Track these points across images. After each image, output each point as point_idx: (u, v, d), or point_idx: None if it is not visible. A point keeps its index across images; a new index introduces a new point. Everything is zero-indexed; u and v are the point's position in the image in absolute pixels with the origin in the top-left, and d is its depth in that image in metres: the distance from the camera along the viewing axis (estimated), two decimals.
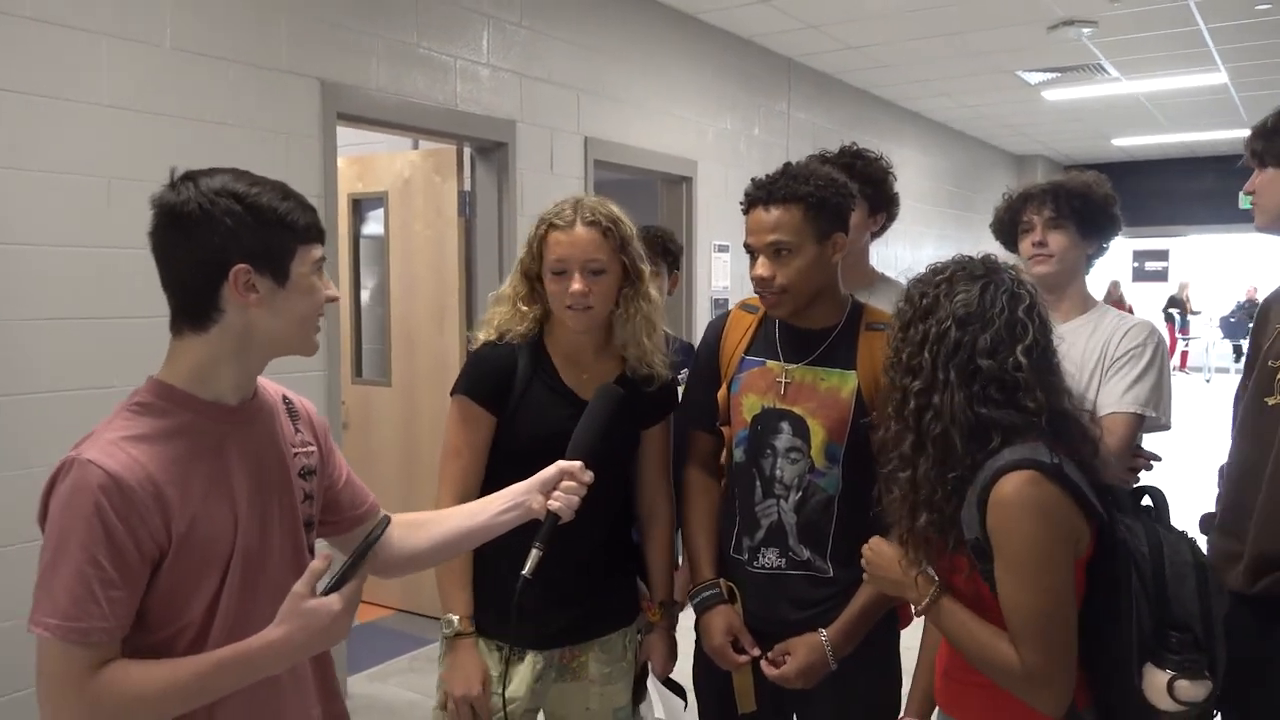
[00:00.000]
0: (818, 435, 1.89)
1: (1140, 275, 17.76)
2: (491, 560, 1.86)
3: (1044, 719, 1.46)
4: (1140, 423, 2.18)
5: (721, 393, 2.02)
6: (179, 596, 1.22)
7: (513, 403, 1.90)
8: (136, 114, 3.02)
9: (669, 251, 3.12)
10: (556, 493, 1.49)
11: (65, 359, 2.87)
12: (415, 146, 4.80)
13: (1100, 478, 1.52)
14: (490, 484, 1.82)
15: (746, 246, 1.92)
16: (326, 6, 3.56)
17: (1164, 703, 1.42)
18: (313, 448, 1.43)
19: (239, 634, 1.23)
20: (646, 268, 1.97)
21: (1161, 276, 17.86)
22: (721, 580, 1.99)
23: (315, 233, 1.30)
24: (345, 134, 3.89)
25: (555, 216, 1.89)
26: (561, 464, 1.51)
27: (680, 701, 2.08)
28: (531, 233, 1.93)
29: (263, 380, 1.37)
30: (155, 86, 3.07)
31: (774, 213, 1.85)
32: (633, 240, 1.93)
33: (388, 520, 1.32)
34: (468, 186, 4.46)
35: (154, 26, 3.06)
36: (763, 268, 1.87)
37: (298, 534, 1.37)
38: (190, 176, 1.25)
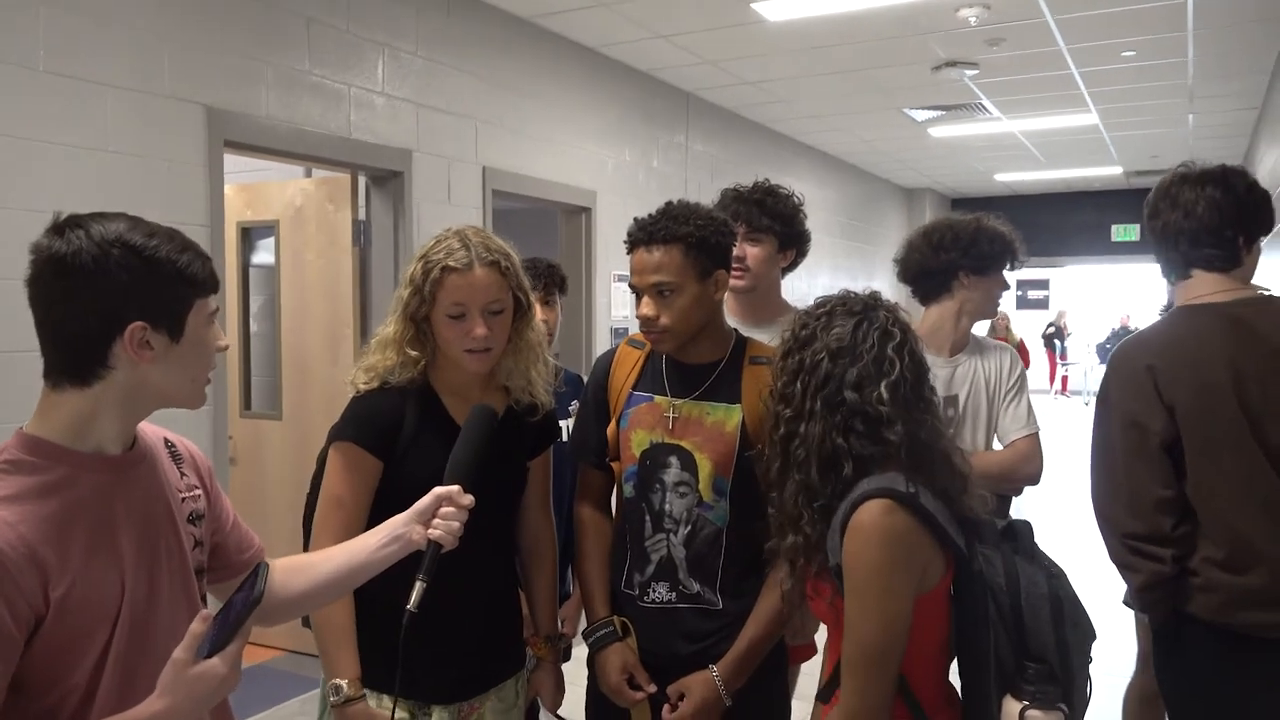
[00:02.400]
0: (705, 469, 1.90)
1: (1023, 303, 18.55)
2: (382, 616, 1.72)
3: None
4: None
5: (611, 428, 2.02)
6: (61, 662, 1.14)
7: (402, 445, 1.83)
8: (9, 139, 2.87)
9: (562, 281, 3.09)
10: (436, 520, 1.44)
11: None
12: (308, 174, 4.70)
13: (963, 510, 1.56)
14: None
15: (631, 286, 1.93)
16: (213, 32, 3.46)
17: None
18: (199, 491, 1.36)
19: (129, 693, 1.17)
20: (533, 297, 1.95)
21: (1043, 305, 18.69)
22: (615, 618, 1.98)
23: (212, 284, 1.24)
24: (235, 161, 3.78)
25: (449, 258, 1.80)
26: (437, 490, 1.45)
27: None
28: (417, 273, 1.82)
29: (142, 424, 1.30)
30: (28, 111, 2.92)
31: (655, 253, 1.87)
32: (521, 271, 1.90)
33: (266, 568, 1.26)
34: (363, 215, 4.38)
35: (25, 47, 2.92)
36: (647, 307, 1.89)
37: (189, 583, 1.30)
38: (78, 222, 1.16)
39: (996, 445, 2.56)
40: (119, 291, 1.15)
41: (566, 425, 2.63)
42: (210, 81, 3.46)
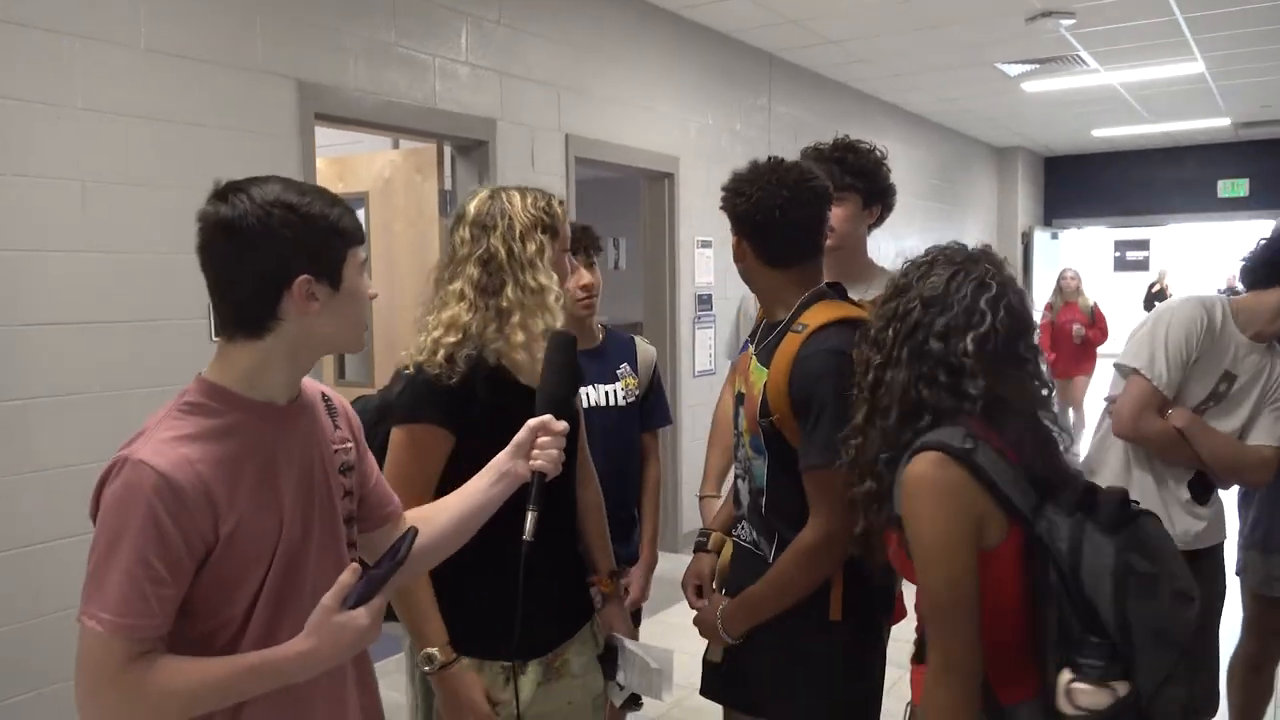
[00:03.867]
0: (743, 424, 1.97)
1: (1121, 265, 17.87)
2: (461, 581, 1.76)
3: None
4: None
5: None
6: (223, 592, 1.25)
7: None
8: (112, 116, 2.99)
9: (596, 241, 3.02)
10: (535, 452, 1.50)
11: (43, 364, 2.84)
12: (395, 146, 4.78)
13: (1046, 471, 1.50)
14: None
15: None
16: (303, 7, 3.54)
17: (1065, 706, 1.40)
18: (350, 444, 1.45)
19: (276, 627, 1.27)
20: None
21: (1143, 266, 17.96)
22: (715, 533, 2.15)
23: (360, 235, 1.33)
24: (325, 134, 3.87)
25: (553, 195, 1.90)
26: (530, 423, 1.52)
27: (665, 648, 2.08)
28: (536, 213, 1.84)
29: (304, 379, 1.39)
30: (129, 88, 3.03)
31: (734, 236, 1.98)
32: None
33: (415, 533, 1.33)
34: (449, 185, 4.43)
35: (127, 28, 3.03)
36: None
37: (338, 530, 1.39)
38: (239, 187, 1.25)
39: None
40: (284, 248, 1.24)
41: (611, 390, 2.62)
42: (300, 55, 3.53)
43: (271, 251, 1.23)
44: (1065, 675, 1.40)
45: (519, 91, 4.49)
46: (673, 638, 2.12)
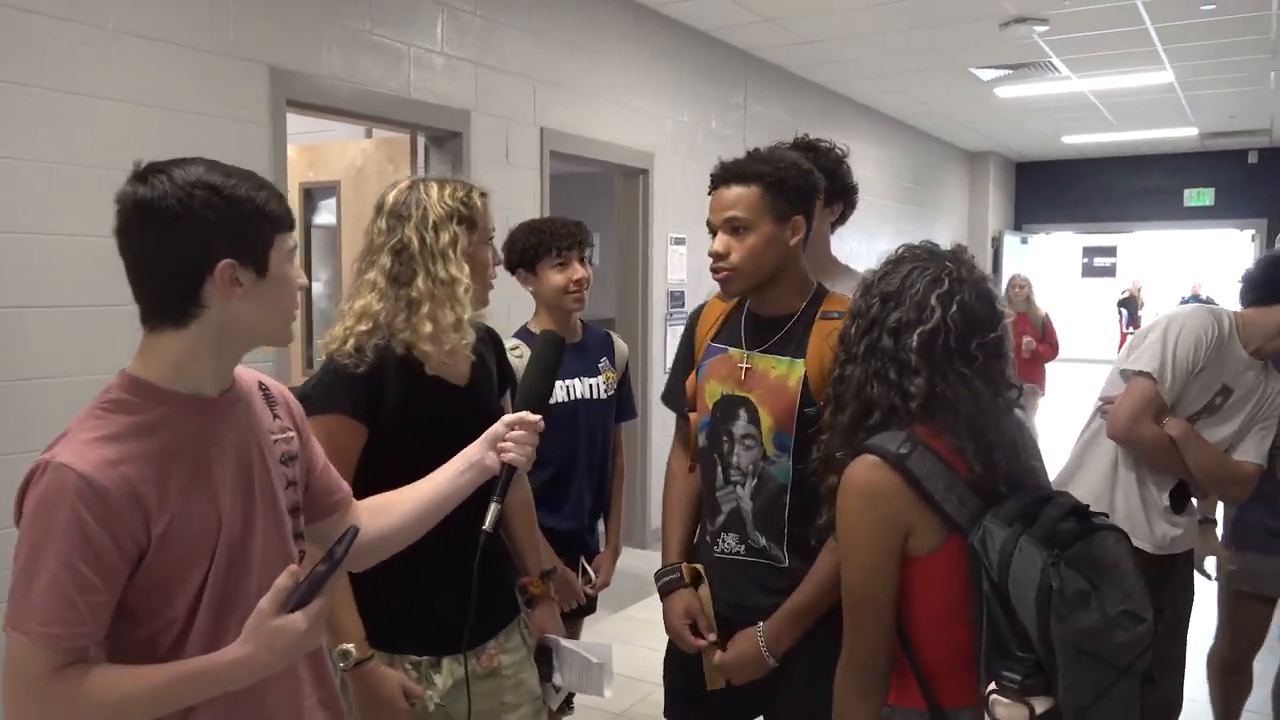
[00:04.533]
0: (766, 423, 1.89)
1: (1089, 271, 18.10)
2: (383, 575, 1.66)
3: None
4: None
5: (690, 379, 2.04)
6: (162, 593, 1.21)
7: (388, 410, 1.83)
8: (77, 97, 2.94)
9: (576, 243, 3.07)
10: (506, 444, 1.49)
11: (9, 349, 2.79)
12: (368, 135, 4.74)
13: (987, 477, 1.45)
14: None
15: (708, 225, 1.93)
16: None
17: (985, 717, 1.39)
18: (292, 433, 1.41)
19: (221, 628, 1.23)
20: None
21: (1110, 272, 18.21)
22: (685, 565, 2.01)
23: (289, 221, 1.28)
24: (297, 122, 3.82)
25: (474, 188, 1.88)
26: (507, 418, 1.51)
27: (603, 643, 2.08)
28: (458, 208, 1.82)
29: (238, 368, 1.35)
30: (98, 70, 2.98)
31: (734, 190, 1.87)
32: None
33: (355, 532, 1.29)
34: (421, 176, 4.40)
35: (95, 8, 2.97)
36: (718, 243, 1.89)
37: (282, 522, 1.35)
38: (159, 168, 1.20)
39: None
40: (206, 231, 1.19)
41: (595, 383, 2.67)
42: (273, 41, 3.49)
43: (192, 234, 1.18)
44: (989, 686, 1.39)
45: (494, 83, 4.47)
46: (638, 634, 2.11)
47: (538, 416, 1.51)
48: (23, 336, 2.83)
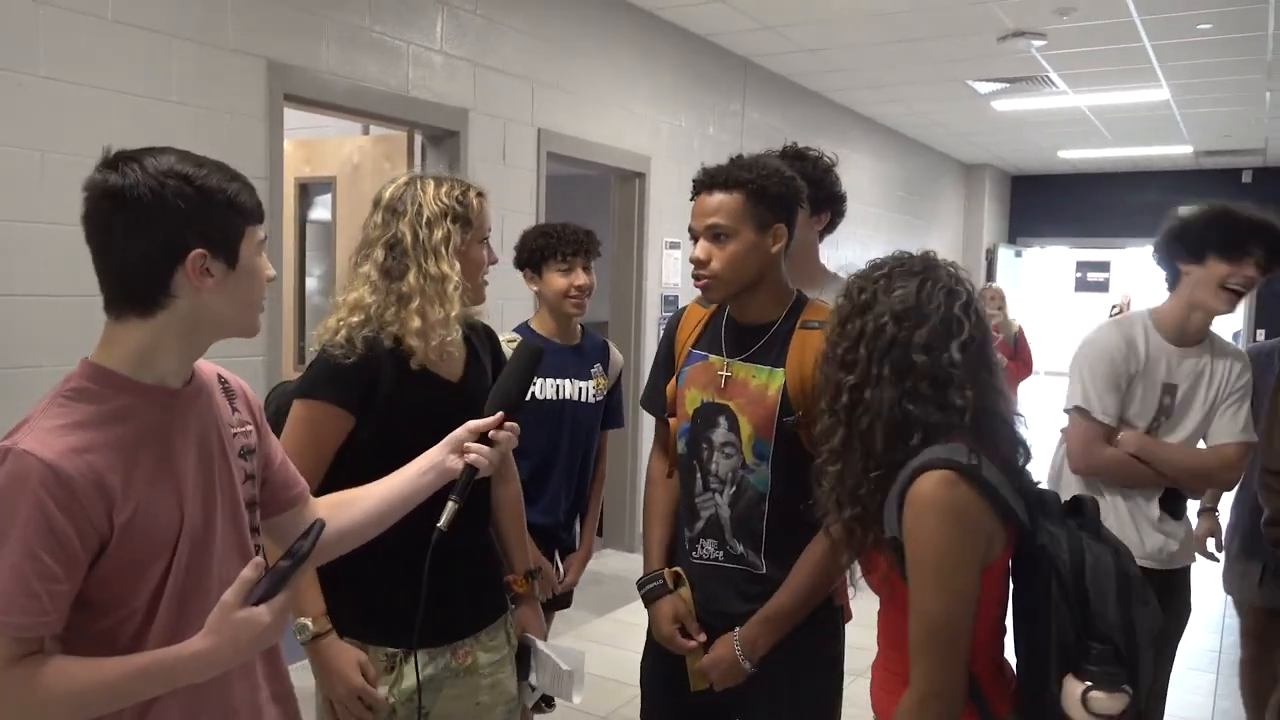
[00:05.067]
0: (746, 431, 1.90)
1: (1083, 285, 18.14)
2: (362, 564, 1.68)
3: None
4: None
5: (670, 385, 2.04)
6: (122, 584, 1.19)
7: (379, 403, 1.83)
8: (74, 86, 2.93)
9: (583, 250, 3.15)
10: (472, 444, 1.48)
11: (4, 338, 2.78)
12: (365, 132, 4.73)
13: (1027, 482, 1.52)
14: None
15: (690, 231, 1.93)
16: None
17: (1078, 714, 1.41)
18: (250, 427, 1.40)
19: (184, 619, 1.21)
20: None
21: (1103, 287, 18.26)
22: (667, 570, 2.01)
23: (260, 213, 1.27)
24: (293, 117, 3.82)
25: (471, 187, 1.88)
26: (471, 424, 1.50)
27: (577, 650, 2.07)
28: (452, 205, 1.83)
29: (199, 360, 1.33)
30: (94, 59, 2.98)
31: (716, 197, 1.87)
32: None
33: (321, 526, 1.28)
34: (420, 173, 4.39)
35: None
36: (699, 250, 1.89)
37: (239, 516, 1.34)
38: (131, 156, 1.19)
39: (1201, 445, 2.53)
40: (178, 221, 1.17)
41: (585, 386, 2.72)
42: (272, 35, 3.49)
43: (164, 224, 1.17)
44: (1075, 685, 1.40)
45: (493, 83, 4.47)
46: (625, 637, 2.10)
47: (507, 433, 1.50)
48: (22, 324, 2.81)
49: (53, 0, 2.86)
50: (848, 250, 7.99)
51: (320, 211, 4.85)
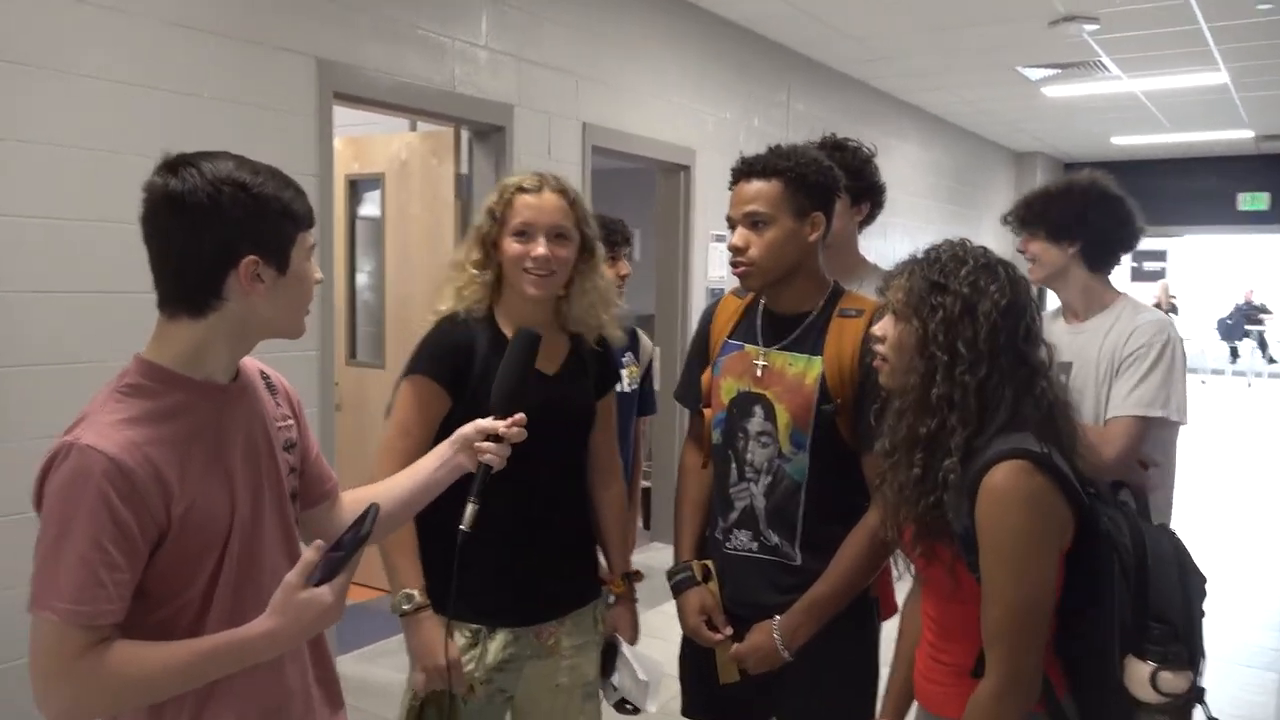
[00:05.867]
0: (783, 420, 1.90)
1: (1139, 275, 17.77)
2: (448, 543, 1.74)
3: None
4: (1146, 425, 2.14)
5: (705, 375, 2.05)
6: (179, 575, 1.23)
7: (472, 383, 1.88)
8: (129, 88, 3.00)
9: (628, 237, 3.21)
10: (483, 444, 1.50)
11: (54, 332, 2.86)
12: (413, 128, 4.78)
13: (1080, 469, 1.52)
14: None
15: (728, 220, 1.93)
16: None
17: (1146, 694, 1.43)
18: (291, 421, 1.44)
19: (238, 608, 1.25)
20: (600, 246, 2.02)
21: (1160, 276, 17.87)
22: (695, 562, 2.02)
23: (310, 219, 1.31)
24: (341, 114, 3.87)
25: (522, 181, 1.91)
26: (479, 423, 1.52)
27: (658, 661, 2.09)
28: (494, 198, 1.92)
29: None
30: (149, 61, 3.05)
31: (754, 184, 1.88)
32: (590, 217, 1.97)
33: (376, 510, 1.32)
34: (465, 170, 4.44)
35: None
36: (738, 238, 1.89)
37: (285, 507, 1.38)
38: (189, 161, 1.22)
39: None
40: (233, 227, 1.21)
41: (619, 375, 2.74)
42: (321, 33, 3.54)
43: (220, 229, 1.21)
44: (1140, 666, 1.43)
45: (537, 78, 4.49)
46: (674, 630, 2.11)
47: (521, 415, 1.52)
48: (79, 320, 2.89)
49: (108, 4, 2.93)
50: (895, 241, 7.91)
51: (370, 208, 4.92)
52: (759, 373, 1.93)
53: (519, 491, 1.80)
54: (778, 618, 1.88)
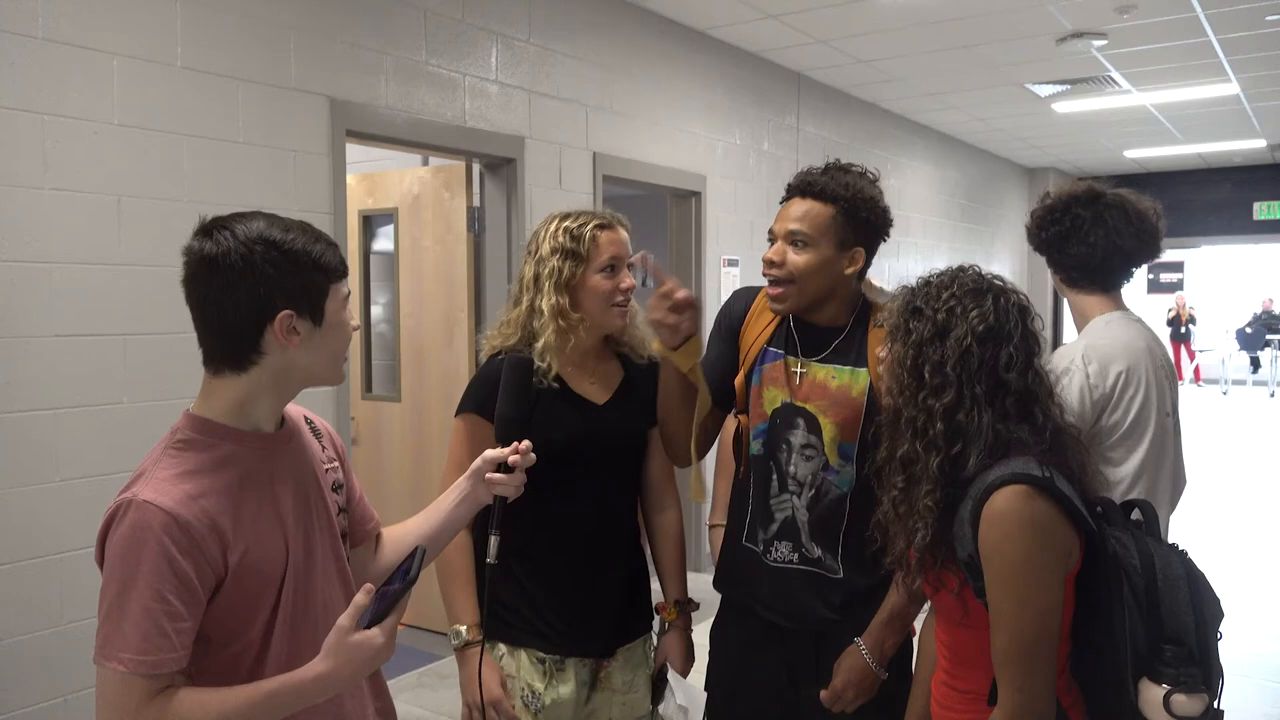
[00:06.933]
0: (829, 432, 1.87)
1: (1155, 287, 17.67)
2: (520, 576, 1.89)
3: None
4: None
5: (739, 380, 2.00)
6: (237, 620, 1.29)
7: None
8: (146, 132, 3.04)
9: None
10: (494, 475, 1.54)
11: (77, 375, 2.88)
12: (425, 163, 4.82)
13: (1089, 491, 1.52)
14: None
15: (770, 233, 1.92)
16: (335, 24, 3.59)
17: (1160, 718, 1.41)
18: (337, 463, 1.50)
19: (296, 648, 1.31)
20: None
21: (1177, 288, 17.76)
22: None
23: (343, 270, 1.36)
24: (354, 151, 3.91)
25: (595, 220, 1.96)
26: (488, 454, 1.56)
27: (701, 692, 2.08)
28: (565, 240, 1.93)
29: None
30: (165, 105, 3.09)
31: (806, 203, 1.87)
32: None
33: (423, 551, 1.35)
34: (477, 202, 4.47)
35: (164, 46, 3.08)
36: (774, 251, 1.88)
37: (337, 546, 1.43)
38: (223, 224, 1.29)
39: None
40: (267, 285, 1.27)
41: None
42: (333, 73, 3.58)
43: (254, 288, 1.26)
44: (1153, 689, 1.41)
45: (547, 110, 4.53)
46: (701, 657, 2.10)
47: (526, 443, 1.55)
48: (104, 364, 2.92)
49: (124, 51, 2.98)
50: (909, 261, 7.89)
51: (383, 242, 4.95)
52: (798, 382, 1.91)
53: (573, 522, 1.88)
54: (859, 641, 1.85)
